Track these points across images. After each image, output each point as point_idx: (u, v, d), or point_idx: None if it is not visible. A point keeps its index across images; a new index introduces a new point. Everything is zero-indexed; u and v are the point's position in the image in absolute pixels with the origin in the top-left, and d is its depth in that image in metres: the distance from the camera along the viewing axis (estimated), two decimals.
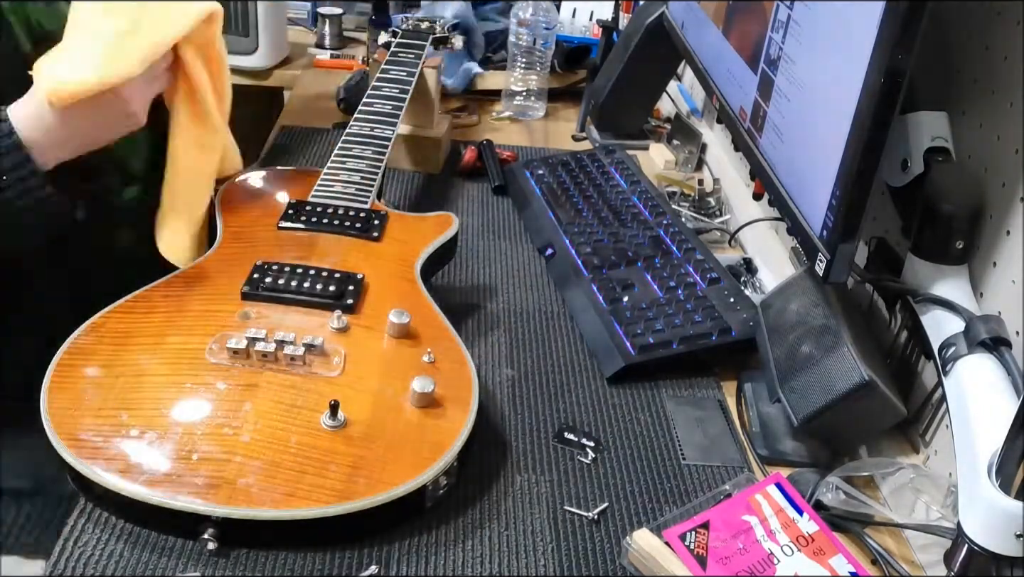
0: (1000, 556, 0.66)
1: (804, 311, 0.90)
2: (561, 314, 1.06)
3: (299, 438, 0.74)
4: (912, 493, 0.81)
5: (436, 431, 0.77)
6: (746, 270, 1.18)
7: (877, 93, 0.71)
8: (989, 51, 0.83)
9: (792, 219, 0.87)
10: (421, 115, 1.37)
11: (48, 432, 0.72)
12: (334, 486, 0.71)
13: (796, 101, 0.87)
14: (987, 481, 0.65)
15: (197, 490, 0.69)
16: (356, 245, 0.98)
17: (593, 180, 1.28)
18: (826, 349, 0.84)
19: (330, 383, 0.80)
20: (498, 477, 0.82)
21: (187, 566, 0.70)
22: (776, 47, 0.91)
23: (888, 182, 0.87)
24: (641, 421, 0.91)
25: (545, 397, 0.93)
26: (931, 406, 0.88)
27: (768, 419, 0.92)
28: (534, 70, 1.61)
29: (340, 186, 1.06)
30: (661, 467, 0.86)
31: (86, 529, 0.72)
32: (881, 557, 0.77)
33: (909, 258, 0.86)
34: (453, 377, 0.83)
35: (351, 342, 0.84)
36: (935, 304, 0.81)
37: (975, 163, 0.84)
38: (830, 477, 0.81)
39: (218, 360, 0.80)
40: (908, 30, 0.69)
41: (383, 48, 1.37)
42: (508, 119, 1.62)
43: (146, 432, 0.73)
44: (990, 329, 0.75)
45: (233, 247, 0.97)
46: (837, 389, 0.81)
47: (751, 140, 0.98)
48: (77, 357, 0.80)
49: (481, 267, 1.15)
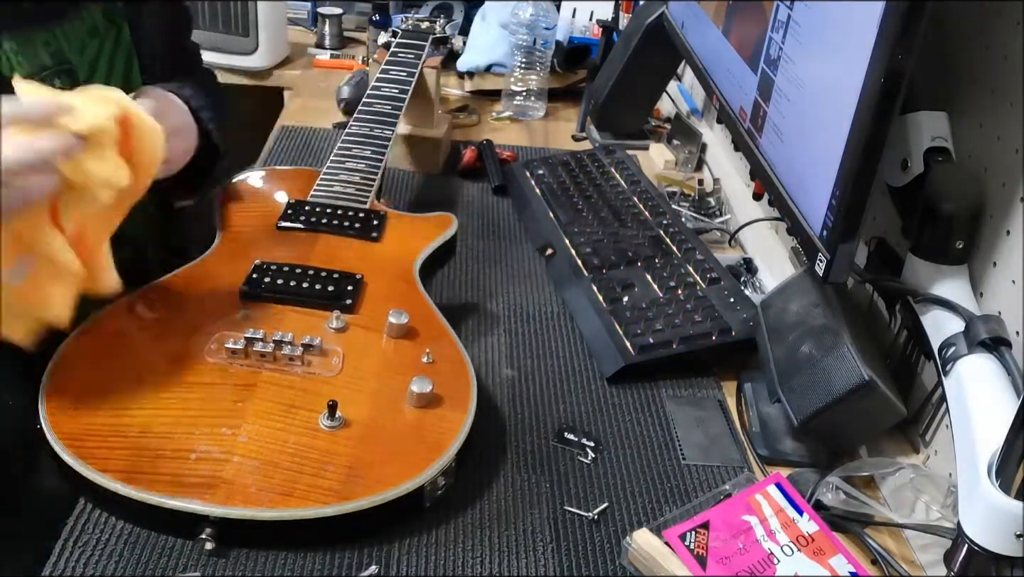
0: (1000, 556, 0.66)
1: (804, 311, 0.90)
2: (561, 314, 1.06)
3: (297, 438, 0.74)
4: (912, 493, 0.81)
5: (434, 431, 0.77)
6: (746, 270, 1.18)
7: (877, 93, 0.71)
8: (989, 51, 0.83)
9: (792, 219, 0.87)
10: (421, 115, 1.37)
11: (47, 432, 0.72)
12: (332, 486, 0.71)
13: (796, 101, 0.87)
14: (987, 481, 0.65)
15: (195, 490, 0.69)
16: (355, 245, 0.98)
17: (593, 180, 1.28)
18: (826, 349, 0.84)
19: (328, 383, 0.80)
20: (498, 477, 0.82)
21: (187, 566, 0.70)
22: (776, 47, 0.91)
23: (888, 182, 0.87)
24: (641, 421, 0.91)
25: (545, 397, 0.93)
26: (931, 406, 0.88)
27: (768, 419, 0.92)
28: (534, 70, 1.61)
29: (339, 186, 1.06)
30: (661, 467, 0.85)
31: (86, 529, 0.72)
32: (881, 557, 0.76)
33: (909, 258, 0.86)
34: (451, 377, 0.83)
35: (350, 342, 0.84)
36: (935, 304, 0.81)
37: (975, 163, 0.84)
38: (830, 477, 0.81)
39: (217, 360, 0.80)
40: (908, 30, 0.69)
41: (383, 48, 1.37)
42: (508, 119, 1.62)
43: (144, 432, 0.73)
44: (990, 329, 0.75)
45: (232, 246, 0.97)
46: (837, 389, 0.81)
47: (751, 140, 0.98)
48: (75, 357, 0.79)
49: (481, 267, 1.15)
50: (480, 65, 1.66)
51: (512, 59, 1.61)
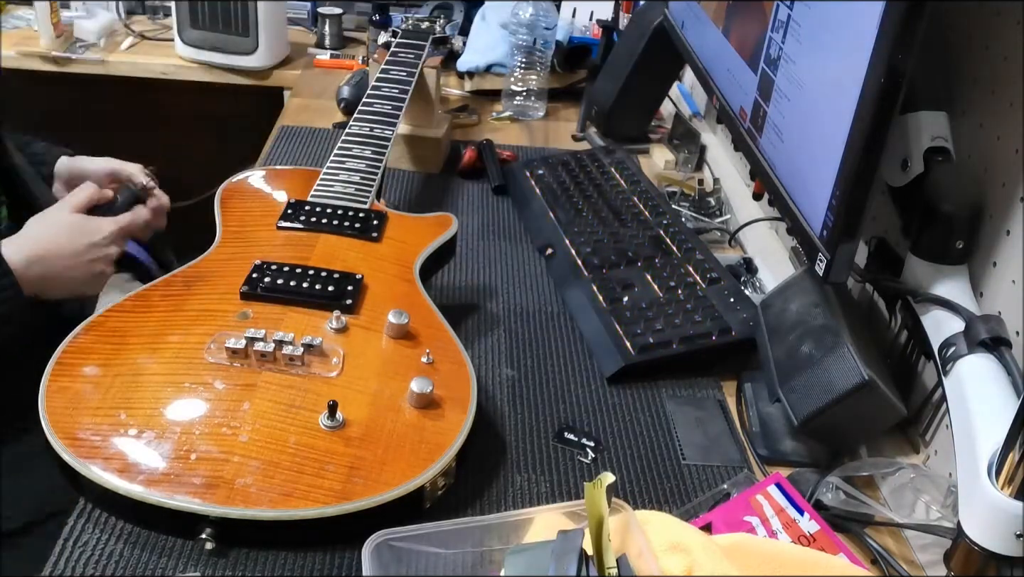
0: (1000, 556, 0.66)
1: (804, 311, 0.90)
2: (561, 314, 1.06)
3: (297, 438, 0.74)
4: (912, 493, 0.81)
5: (434, 432, 0.77)
6: (746, 270, 1.18)
7: (877, 93, 0.71)
8: (989, 51, 0.83)
9: (792, 219, 0.87)
10: (421, 115, 1.37)
11: (47, 431, 0.72)
12: (332, 486, 0.71)
13: (796, 101, 0.87)
14: (987, 481, 0.65)
15: (195, 490, 0.69)
16: (355, 245, 0.98)
17: (593, 180, 1.28)
18: (826, 349, 0.84)
19: (328, 383, 0.80)
20: (498, 477, 0.82)
21: (187, 566, 0.70)
22: (776, 47, 0.91)
23: (888, 182, 0.87)
24: (641, 421, 0.91)
25: (545, 397, 0.93)
26: (931, 406, 0.88)
27: (768, 419, 0.92)
28: (534, 70, 1.61)
29: (339, 186, 1.06)
30: (661, 467, 0.86)
31: (86, 529, 0.72)
32: (881, 557, 0.76)
33: (909, 258, 0.86)
34: (452, 378, 0.83)
35: (350, 342, 0.84)
36: (935, 304, 0.81)
37: (975, 163, 0.84)
38: (830, 477, 0.81)
39: (217, 360, 0.80)
40: (908, 30, 0.69)
41: (383, 48, 1.37)
42: (508, 119, 1.62)
43: (144, 431, 0.73)
44: (990, 329, 0.75)
45: (232, 246, 0.97)
46: (837, 389, 0.81)
47: (751, 140, 0.98)
48: (75, 356, 0.79)
49: (481, 267, 1.15)
50: (480, 65, 1.66)
51: (512, 59, 1.61)
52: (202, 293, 0.89)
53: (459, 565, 0.65)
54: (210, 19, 1.75)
